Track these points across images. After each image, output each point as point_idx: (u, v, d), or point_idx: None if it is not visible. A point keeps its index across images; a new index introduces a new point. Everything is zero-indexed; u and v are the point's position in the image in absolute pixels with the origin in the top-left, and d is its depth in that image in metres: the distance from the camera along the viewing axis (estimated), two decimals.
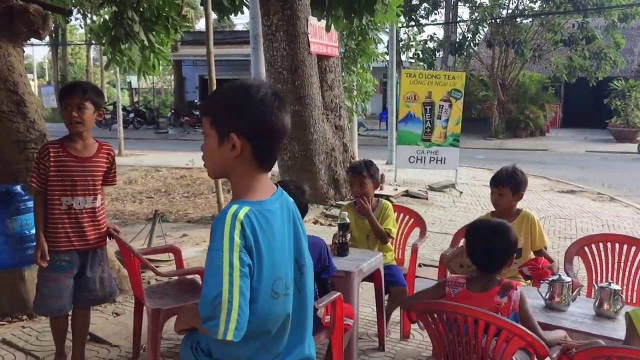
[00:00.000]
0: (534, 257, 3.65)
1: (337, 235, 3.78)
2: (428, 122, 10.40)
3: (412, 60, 24.48)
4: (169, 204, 10.06)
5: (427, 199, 9.74)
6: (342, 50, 10.56)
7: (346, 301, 3.25)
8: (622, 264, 3.82)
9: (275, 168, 9.65)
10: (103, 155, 3.43)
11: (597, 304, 2.87)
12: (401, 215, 4.63)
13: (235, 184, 1.71)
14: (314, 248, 3.13)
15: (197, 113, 26.91)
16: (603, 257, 3.88)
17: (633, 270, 3.78)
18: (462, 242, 4.06)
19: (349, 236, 3.82)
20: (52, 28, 5.01)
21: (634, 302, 3.70)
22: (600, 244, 3.90)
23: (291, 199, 1.85)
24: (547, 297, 2.96)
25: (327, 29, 5.59)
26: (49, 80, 39.34)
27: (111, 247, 5.10)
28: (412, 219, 4.61)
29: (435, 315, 2.59)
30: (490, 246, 2.63)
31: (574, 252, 3.89)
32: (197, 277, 3.91)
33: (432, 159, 10.53)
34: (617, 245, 3.87)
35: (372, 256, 3.78)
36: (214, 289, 1.52)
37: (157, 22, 5.33)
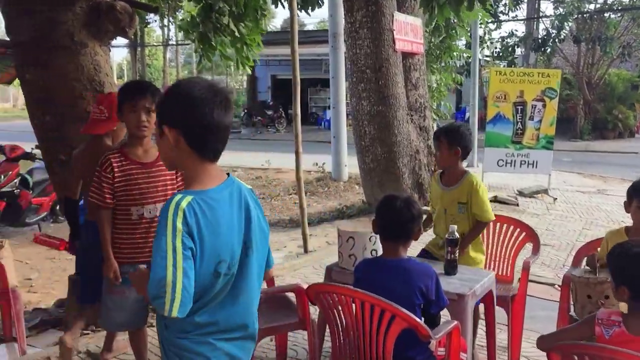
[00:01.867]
0: None
1: (445, 251, 3.37)
2: (519, 123, 9.73)
3: (489, 59, 23.47)
4: None
5: (517, 205, 9.08)
6: (425, 48, 10.06)
7: None
8: None
9: (356, 170, 9.29)
10: None
11: None
12: (510, 228, 4.15)
13: (184, 175, 1.90)
14: (420, 277, 2.69)
15: (270, 113, 27.07)
16: None
17: None
18: (584, 264, 3.59)
19: (458, 253, 3.40)
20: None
21: None
22: None
23: (248, 186, 1.98)
24: None
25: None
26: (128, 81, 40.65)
27: None
28: (524, 233, 4.11)
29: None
30: None
31: None
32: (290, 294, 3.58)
33: (522, 162, 9.82)
34: None
35: (485, 276, 3.35)
36: (160, 271, 1.71)
37: (245, 13, 5.19)
